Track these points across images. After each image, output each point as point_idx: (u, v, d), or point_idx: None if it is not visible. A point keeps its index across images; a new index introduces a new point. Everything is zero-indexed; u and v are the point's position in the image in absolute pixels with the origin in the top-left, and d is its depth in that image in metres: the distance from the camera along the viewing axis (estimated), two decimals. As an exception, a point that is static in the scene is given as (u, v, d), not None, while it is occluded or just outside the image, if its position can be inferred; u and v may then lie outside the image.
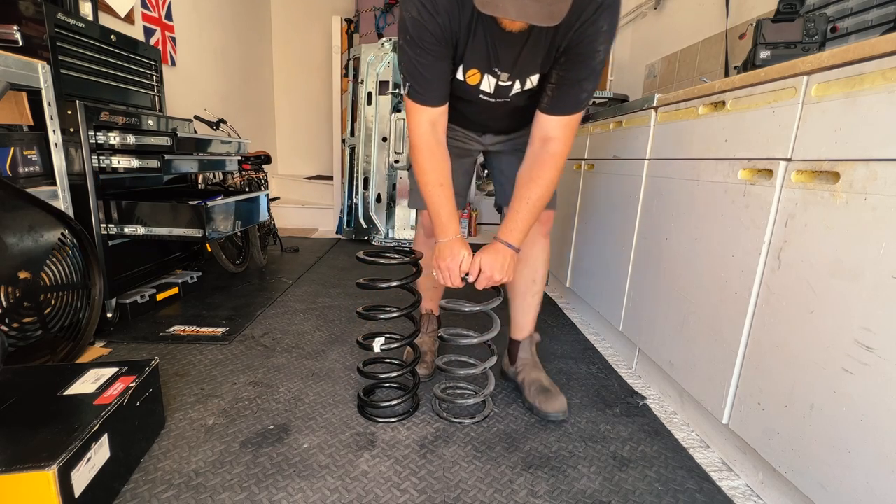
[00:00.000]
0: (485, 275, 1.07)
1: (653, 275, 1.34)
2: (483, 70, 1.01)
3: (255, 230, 2.61)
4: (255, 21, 4.04)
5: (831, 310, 0.77)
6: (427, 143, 1.05)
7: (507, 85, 1.03)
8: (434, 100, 1.02)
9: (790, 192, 0.86)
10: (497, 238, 1.09)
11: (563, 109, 1.01)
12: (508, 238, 1.08)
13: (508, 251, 1.07)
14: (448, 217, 1.09)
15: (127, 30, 2.35)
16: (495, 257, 1.06)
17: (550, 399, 1.20)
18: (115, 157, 1.61)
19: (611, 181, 1.64)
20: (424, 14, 0.89)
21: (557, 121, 1.01)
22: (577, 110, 1.01)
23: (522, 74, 1.01)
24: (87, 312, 1.45)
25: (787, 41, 1.19)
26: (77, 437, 0.79)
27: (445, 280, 1.10)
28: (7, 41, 1.41)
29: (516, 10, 0.73)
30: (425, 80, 0.99)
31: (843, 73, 0.77)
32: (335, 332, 1.73)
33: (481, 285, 1.09)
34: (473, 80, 1.03)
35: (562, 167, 1.06)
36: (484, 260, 1.07)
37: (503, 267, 1.06)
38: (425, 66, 0.96)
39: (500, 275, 1.06)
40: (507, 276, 1.07)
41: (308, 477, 0.97)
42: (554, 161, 1.04)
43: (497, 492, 0.95)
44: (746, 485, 1.00)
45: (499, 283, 1.08)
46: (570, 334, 1.80)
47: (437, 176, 1.07)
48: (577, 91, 0.98)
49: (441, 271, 1.10)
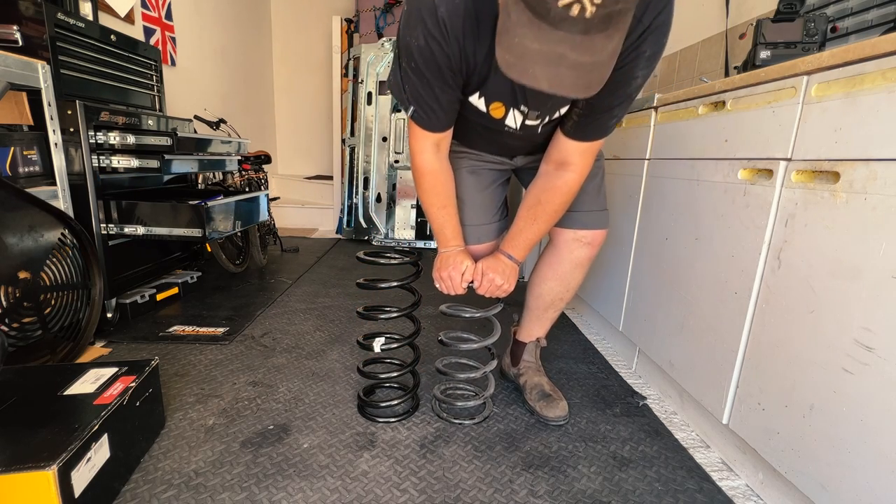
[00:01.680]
0: (487, 277, 1.08)
1: (653, 275, 1.34)
2: (508, 105, 0.94)
3: (255, 230, 2.61)
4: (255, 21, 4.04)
5: (831, 310, 0.77)
6: (430, 168, 1.03)
7: (535, 124, 0.97)
8: (440, 127, 0.97)
9: (790, 192, 0.86)
10: (500, 251, 1.10)
11: (587, 135, 0.94)
12: (511, 251, 1.09)
13: (510, 262, 1.09)
14: (451, 233, 1.11)
15: (127, 30, 2.35)
16: (497, 264, 1.08)
17: (552, 405, 1.20)
18: (115, 156, 1.61)
19: (611, 181, 1.64)
20: (433, 44, 0.81)
21: (577, 146, 0.96)
22: (602, 136, 0.94)
23: (553, 110, 0.94)
24: (87, 312, 1.45)
25: (787, 41, 1.19)
26: (77, 437, 0.79)
27: (447, 289, 1.12)
28: (7, 41, 1.41)
29: (549, 80, 0.62)
30: (431, 109, 0.92)
31: (843, 73, 0.76)
32: (335, 332, 1.73)
33: (484, 290, 1.10)
34: (498, 114, 0.96)
35: (572, 196, 1.02)
36: (486, 265, 1.09)
37: (504, 272, 1.07)
38: (432, 97, 0.90)
39: (502, 279, 1.07)
40: (509, 284, 1.08)
41: (308, 477, 0.97)
42: (566, 191, 1.01)
43: (497, 492, 0.95)
44: (746, 485, 1.00)
45: (502, 290, 1.09)
46: (570, 334, 1.80)
47: (440, 199, 1.07)
48: (606, 118, 0.91)
49: (442, 281, 1.11)
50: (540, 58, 0.60)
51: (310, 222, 4.14)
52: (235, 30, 3.65)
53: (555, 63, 0.60)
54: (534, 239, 1.08)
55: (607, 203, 1.20)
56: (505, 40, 0.63)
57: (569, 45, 0.59)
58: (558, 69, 0.61)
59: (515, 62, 0.63)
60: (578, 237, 1.16)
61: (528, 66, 0.62)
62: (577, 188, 1.01)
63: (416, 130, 0.98)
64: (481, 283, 1.09)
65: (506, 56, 0.64)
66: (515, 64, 0.63)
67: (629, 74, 0.82)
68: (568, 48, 0.59)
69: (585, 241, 1.16)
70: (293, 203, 4.19)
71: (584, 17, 0.56)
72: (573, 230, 1.16)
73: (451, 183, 1.09)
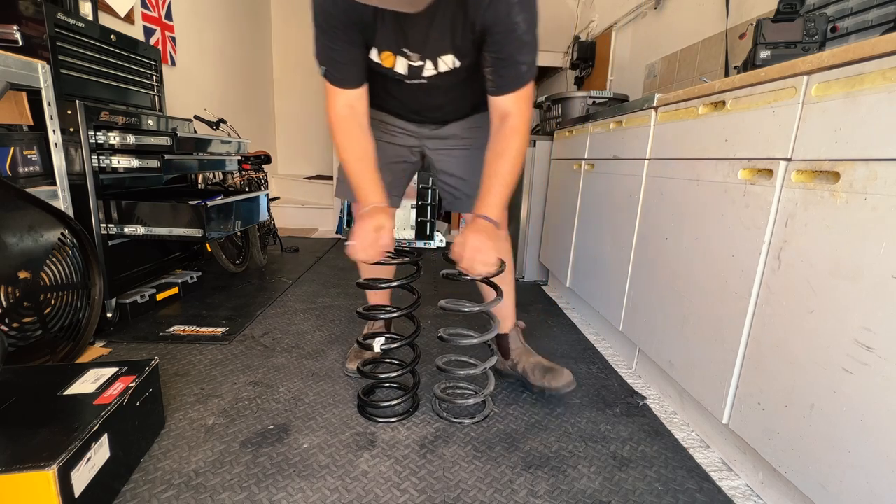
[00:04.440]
0: (470, 245, 0.98)
1: (653, 275, 1.34)
2: (395, 52, 1.01)
3: (255, 230, 2.61)
4: (254, 21, 4.04)
5: (831, 310, 0.77)
6: (344, 122, 1.07)
7: (419, 66, 1.03)
8: (350, 82, 1.04)
9: (790, 191, 0.86)
10: (477, 214, 1.01)
11: (508, 87, 1.00)
12: (488, 212, 1.01)
13: (488, 224, 1.00)
14: (370, 187, 1.07)
15: (127, 30, 2.35)
16: (487, 235, 0.99)
17: (557, 375, 1.25)
18: (115, 156, 1.61)
19: (611, 181, 1.64)
20: (329, 4, 0.92)
21: (507, 98, 1.01)
22: (524, 83, 1.00)
23: (433, 54, 1.00)
24: (87, 312, 1.45)
25: (787, 41, 1.19)
26: (77, 437, 0.79)
27: (358, 250, 1.01)
28: (7, 41, 1.41)
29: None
30: (339, 64, 1.01)
31: (843, 73, 0.76)
32: (335, 332, 1.73)
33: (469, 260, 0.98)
34: (388, 63, 1.04)
35: (525, 137, 1.04)
36: (472, 239, 0.98)
37: (487, 231, 0.99)
38: (337, 51, 0.98)
39: (488, 242, 0.98)
40: (496, 248, 1.00)
41: (308, 477, 0.97)
42: (515, 133, 1.03)
43: (497, 492, 0.95)
44: (746, 485, 1.00)
45: (490, 258, 0.99)
46: (570, 334, 1.80)
47: (356, 151, 1.08)
48: (514, 66, 0.97)
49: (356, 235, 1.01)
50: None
51: (310, 222, 4.15)
52: (235, 30, 3.65)
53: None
54: (505, 193, 1.03)
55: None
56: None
57: None
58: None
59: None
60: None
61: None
62: (525, 130, 1.04)
63: (329, 88, 1.05)
64: (464, 253, 0.99)
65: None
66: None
67: (509, 24, 0.90)
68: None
69: None
70: (293, 203, 4.19)
71: None
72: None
73: (367, 138, 1.10)
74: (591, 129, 1.86)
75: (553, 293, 2.35)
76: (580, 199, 1.92)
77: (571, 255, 1.99)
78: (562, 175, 2.18)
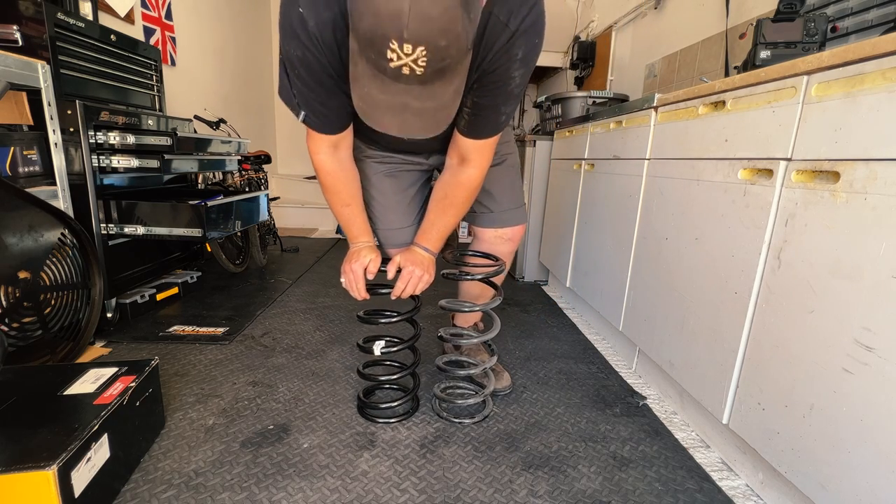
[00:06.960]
0: (407, 269, 1.08)
1: (653, 275, 1.34)
2: None
3: (255, 230, 2.61)
4: (254, 21, 4.04)
5: (831, 310, 0.77)
6: (328, 168, 1.04)
7: None
8: (333, 129, 0.97)
9: (790, 191, 0.86)
10: (415, 244, 1.12)
11: (479, 133, 0.97)
12: (425, 243, 1.11)
13: (426, 254, 1.11)
14: (358, 230, 1.13)
15: (127, 30, 2.35)
16: (414, 256, 1.09)
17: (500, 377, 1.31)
18: (115, 156, 1.61)
19: (611, 181, 1.64)
20: (311, 56, 0.81)
21: (473, 144, 0.98)
22: (494, 134, 0.98)
23: None
24: (87, 312, 1.45)
25: (787, 41, 1.19)
26: (77, 437, 0.79)
27: (350, 284, 1.11)
28: (7, 41, 1.41)
29: (398, 127, 0.70)
30: (322, 114, 0.92)
31: (843, 73, 0.76)
32: (335, 332, 1.73)
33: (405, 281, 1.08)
34: None
35: (475, 189, 1.07)
36: (404, 258, 1.09)
37: (423, 263, 1.09)
38: (321, 102, 0.89)
39: (422, 270, 1.08)
40: (429, 274, 1.09)
41: (308, 477, 0.97)
42: (469, 185, 1.04)
43: (497, 492, 0.95)
44: (746, 485, 1.00)
45: (423, 282, 1.09)
46: (570, 334, 1.81)
47: (342, 198, 1.09)
48: (494, 115, 0.94)
49: (345, 274, 1.12)
50: (387, 107, 0.68)
51: (310, 222, 4.14)
52: (235, 30, 3.65)
53: (400, 111, 0.68)
54: (445, 230, 1.11)
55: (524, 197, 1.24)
56: (357, 88, 0.70)
57: (410, 95, 0.66)
58: (404, 116, 0.69)
59: (369, 111, 0.71)
60: (499, 235, 1.26)
61: (379, 115, 0.70)
62: (479, 182, 1.06)
63: (311, 133, 0.98)
64: (402, 275, 1.08)
65: (360, 104, 0.71)
66: (369, 112, 0.71)
67: (505, 76, 0.86)
68: (410, 98, 0.66)
69: (506, 237, 1.26)
70: (293, 203, 4.19)
71: (416, 74, 0.62)
72: (493, 229, 1.25)
73: (353, 182, 1.09)
74: (590, 129, 1.86)
75: (553, 293, 2.35)
76: (580, 199, 1.92)
77: (571, 255, 1.99)
78: (562, 175, 2.18)
